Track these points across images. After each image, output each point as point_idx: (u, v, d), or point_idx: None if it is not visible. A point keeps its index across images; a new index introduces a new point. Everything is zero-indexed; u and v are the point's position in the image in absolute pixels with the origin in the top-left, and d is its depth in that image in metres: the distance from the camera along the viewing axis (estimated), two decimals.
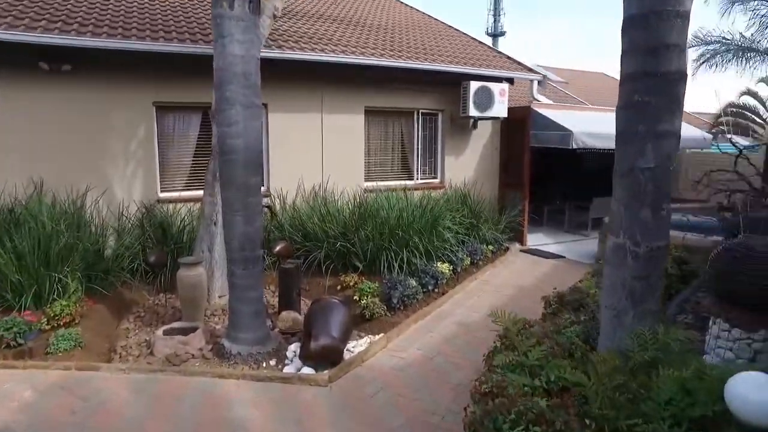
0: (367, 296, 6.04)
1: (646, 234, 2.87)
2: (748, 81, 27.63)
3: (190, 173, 7.63)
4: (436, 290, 6.81)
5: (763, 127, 19.76)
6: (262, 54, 7.68)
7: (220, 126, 4.25)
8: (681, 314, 4.82)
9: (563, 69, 19.97)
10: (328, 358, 4.31)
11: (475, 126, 10.11)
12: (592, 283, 5.05)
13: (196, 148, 7.58)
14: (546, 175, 14.15)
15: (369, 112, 9.05)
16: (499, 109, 9.40)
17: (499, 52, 10.61)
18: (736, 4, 16.28)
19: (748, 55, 17.33)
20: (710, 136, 11.51)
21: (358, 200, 7.99)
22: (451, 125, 9.86)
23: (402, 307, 5.98)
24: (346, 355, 4.67)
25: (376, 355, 4.91)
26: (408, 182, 9.60)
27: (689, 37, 17.35)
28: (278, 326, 5.23)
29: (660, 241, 2.92)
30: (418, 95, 9.39)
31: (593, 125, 9.86)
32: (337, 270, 7.10)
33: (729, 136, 11.97)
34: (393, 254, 6.97)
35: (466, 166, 10.17)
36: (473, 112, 9.13)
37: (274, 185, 8.16)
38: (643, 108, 2.73)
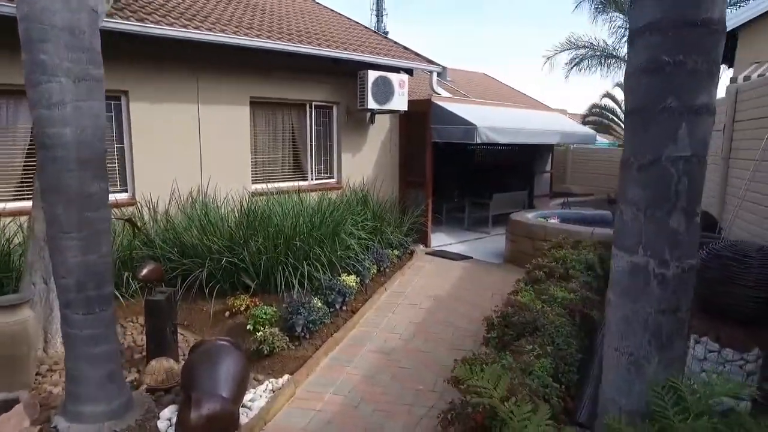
0: (263, 325, 4.84)
1: (677, 249, 2.05)
2: (609, 85, 29.53)
3: (22, 178, 5.85)
4: (345, 308, 5.76)
5: (621, 126, 21.11)
6: (119, 26, 6.16)
7: (34, 107, 2.81)
8: None
9: (447, 68, 19.89)
10: (217, 430, 3.09)
11: (372, 120, 9.19)
12: (532, 295, 4.30)
13: (31, 144, 5.81)
14: (442, 172, 13.73)
15: (255, 104, 7.75)
16: (399, 102, 8.56)
17: (396, 43, 9.80)
18: (600, 14, 17.16)
19: (610, 61, 18.39)
20: (594, 132, 11.68)
21: (245, 206, 6.69)
22: (347, 119, 8.85)
23: (308, 335, 4.85)
24: (243, 417, 3.46)
25: (283, 409, 3.73)
26: (302, 183, 8.43)
27: (563, 40, 17.60)
28: (146, 381, 3.85)
29: (692, 257, 2.13)
30: (310, 86, 8.26)
31: (496, 120, 9.38)
32: (225, 291, 5.78)
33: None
34: (291, 269, 5.80)
35: (364, 164, 9.22)
36: (372, 104, 8.20)
37: (142, 191, 6.59)
38: (675, 72, 1.90)
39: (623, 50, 16.82)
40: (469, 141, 8.63)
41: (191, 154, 7.03)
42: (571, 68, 18.01)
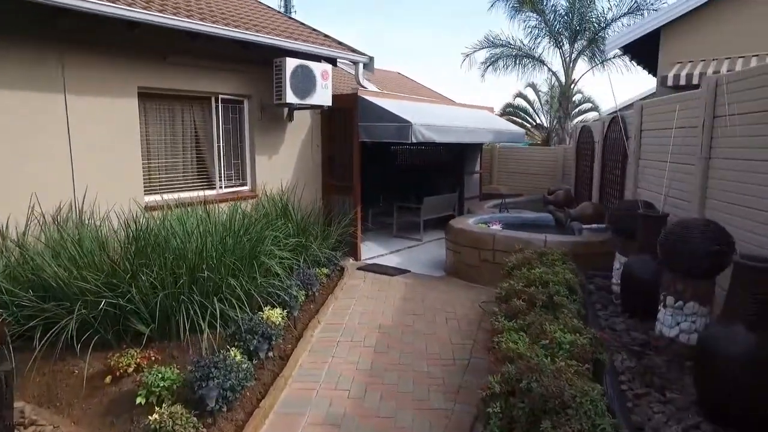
0: (161, 398, 3.45)
1: None
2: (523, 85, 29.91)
3: None
4: (272, 353, 4.46)
5: (534, 125, 21.27)
6: None
7: None
8: None
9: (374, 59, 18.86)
10: None
11: (291, 117, 7.86)
12: (524, 340, 3.27)
13: None
14: (365, 174, 12.61)
15: (147, 96, 6.16)
16: (323, 96, 7.31)
17: (315, 30, 8.52)
18: (517, 12, 16.94)
19: (525, 61, 18.32)
20: (523, 131, 11.13)
21: (136, 225, 5.13)
22: (261, 116, 7.45)
23: (226, 408, 3.51)
24: None
25: None
26: (209, 193, 6.94)
27: (480, 38, 17.23)
28: None
29: None
30: (216, 76, 6.78)
31: (431, 117, 8.40)
32: (108, 343, 4.27)
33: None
34: (198, 307, 4.40)
35: (282, 167, 7.87)
36: (291, 98, 6.88)
37: None
38: None
39: (539, 50, 16.82)
40: (403, 140, 7.58)
41: (59, 159, 5.35)
42: (487, 67, 17.71)
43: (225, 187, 7.22)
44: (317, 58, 7.41)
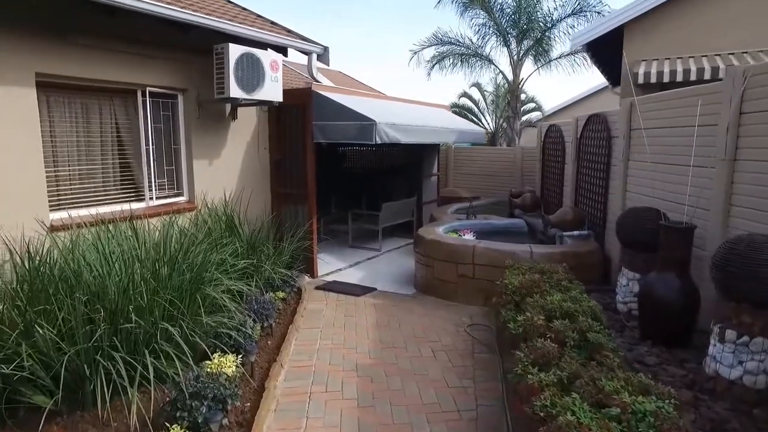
0: None
1: None
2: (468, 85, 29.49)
3: None
4: (226, 420, 3.33)
5: (479, 125, 20.87)
6: None
7: None
8: None
9: (302, 64, 17.72)
10: None
11: (235, 115, 6.66)
12: (581, 408, 2.39)
13: None
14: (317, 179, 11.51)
15: (50, 86, 4.80)
16: (272, 90, 6.17)
17: (261, 16, 7.32)
18: (467, 9, 16.33)
19: (473, 60, 17.78)
20: (483, 130, 10.42)
21: (30, 255, 3.80)
22: (199, 113, 6.22)
23: None
24: None
25: None
26: (137, 206, 5.64)
27: (429, 34, 16.51)
28: None
29: None
30: (144, 64, 5.49)
31: (395, 115, 7.45)
32: None
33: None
34: (123, 364, 3.21)
35: (225, 173, 6.66)
36: (235, 92, 5.70)
37: None
38: None
39: (487, 49, 16.28)
40: (366, 141, 6.58)
41: None
42: (433, 65, 17.00)
43: (157, 198, 5.93)
44: (264, 46, 6.26)
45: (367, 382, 4.05)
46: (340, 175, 11.75)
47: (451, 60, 16.89)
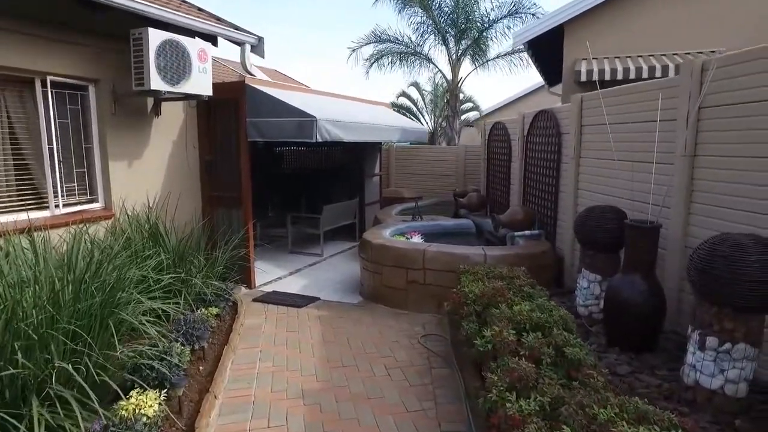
0: None
1: None
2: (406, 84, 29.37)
3: None
4: None
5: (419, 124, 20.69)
6: None
7: None
8: None
9: (235, 61, 16.82)
10: None
11: (158, 111, 5.92)
12: None
13: None
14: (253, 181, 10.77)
15: None
16: (200, 83, 5.50)
17: (186, 1, 6.58)
18: (406, 6, 16.02)
19: (411, 58, 17.54)
20: (426, 129, 10.12)
21: None
22: (116, 108, 5.44)
23: None
24: None
25: None
26: (39, 215, 4.81)
27: (367, 32, 16.07)
28: None
29: None
30: (44, 48, 4.68)
31: (336, 112, 6.94)
32: None
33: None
34: (3, 421, 2.53)
35: (148, 176, 5.91)
36: (157, 83, 5.00)
37: None
38: None
39: (426, 48, 16.06)
40: (305, 139, 6.03)
41: None
42: (372, 64, 16.60)
43: (65, 205, 5.11)
44: (191, 34, 5.58)
45: (315, 411, 3.53)
46: (278, 177, 11.09)
47: (390, 58, 16.57)
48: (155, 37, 4.91)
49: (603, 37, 8.45)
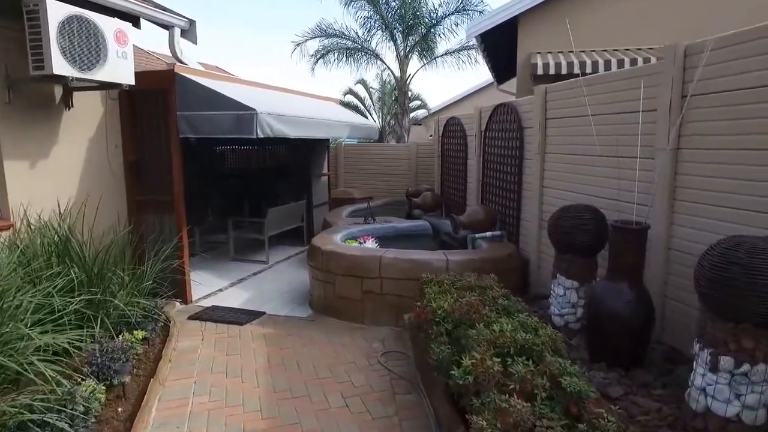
0: None
1: None
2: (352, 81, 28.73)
3: None
4: None
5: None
6: None
7: None
8: None
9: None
10: None
11: (68, 102, 5.04)
12: None
13: None
14: (187, 183, 9.83)
15: None
16: (119, 69, 4.68)
17: None
18: (351, 0, 15.38)
19: (359, 54, 16.93)
20: (376, 125, 9.55)
21: None
22: (11, 98, 4.54)
23: None
24: None
25: None
26: None
27: (312, 25, 15.30)
28: None
29: None
30: None
31: (279, 105, 6.25)
32: None
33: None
34: None
35: (58, 179, 5.02)
36: (62, 67, 4.15)
37: None
38: None
39: (373, 43, 15.48)
40: (245, 135, 5.32)
41: None
42: (318, 60, 15.87)
43: None
44: (108, 11, 4.75)
45: None
46: (219, 178, 10.22)
47: (336, 54, 15.89)
48: (57, 10, 4.07)
49: (558, 31, 8.18)
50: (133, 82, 4.84)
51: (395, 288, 4.99)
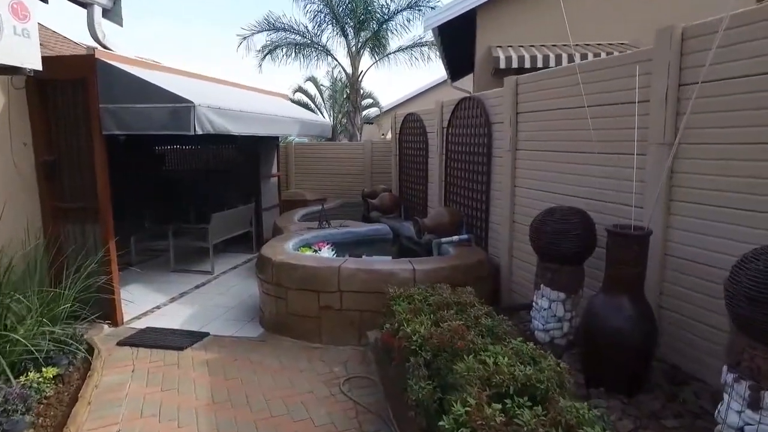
0: None
1: None
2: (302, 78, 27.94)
3: None
4: None
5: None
6: None
7: None
8: None
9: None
10: None
11: None
12: None
13: None
14: (120, 183, 8.81)
15: None
16: (19, 50, 3.84)
17: None
18: None
19: (309, 50, 16.17)
20: (329, 122, 8.91)
21: None
22: None
23: None
24: None
25: None
26: None
27: (260, 18, 14.50)
28: None
29: None
30: None
31: (221, 98, 5.53)
32: None
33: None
34: None
35: None
36: None
37: None
38: None
39: (324, 38, 14.78)
40: (181, 131, 4.58)
41: None
42: (266, 55, 15.04)
43: None
44: None
45: None
46: (159, 181, 9.31)
47: (285, 50, 15.11)
48: None
49: (517, 25, 7.84)
50: (39, 67, 4.01)
51: (356, 302, 4.41)
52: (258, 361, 4.19)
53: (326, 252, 5.50)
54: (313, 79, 18.38)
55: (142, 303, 5.65)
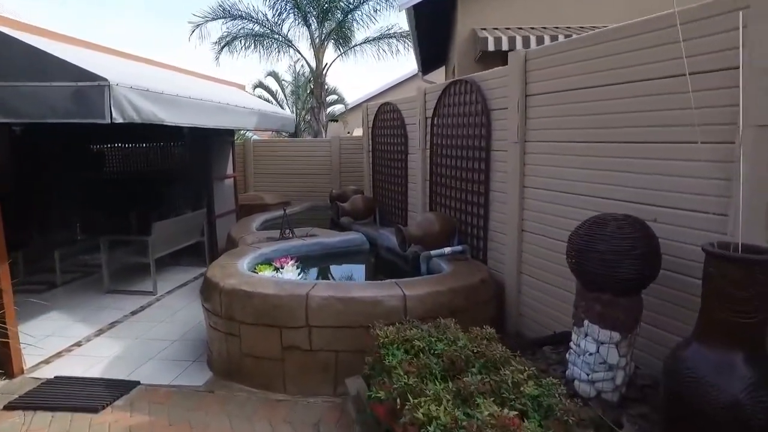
0: None
1: None
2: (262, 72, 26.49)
3: None
4: None
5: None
6: None
7: None
8: None
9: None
10: None
11: None
12: None
13: None
14: (41, 187, 7.45)
15: None
16: None
17: None
18: None
19: (269, 42, 14.89)
20: (293, 117, 7.77)
21: None
22: None
23: None
24: None
25: None
26: None
27: (214, 5, 13.02)
28: None
29: None
30: None
31: (151, 78, 4.35)
32: None
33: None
34: None
35: None
36: None
37: None
38: None
39: (285, 28, 13.52)
40: (92, 119, 3.39)
41: None
42: (222, 47, 13.69)
43: None
44: None
45: None
46: (97, 185, 7.97)
47: (244, 42, 13.80)
48: None
49: (503, 6, 6.92)
50: None
51: (330, 341, 3.34)
52: (202, 424, 3.06)
53: (290, 270, 4.38)
54: (274, 74, 17.09)
55: (60, 338, 4.41)
